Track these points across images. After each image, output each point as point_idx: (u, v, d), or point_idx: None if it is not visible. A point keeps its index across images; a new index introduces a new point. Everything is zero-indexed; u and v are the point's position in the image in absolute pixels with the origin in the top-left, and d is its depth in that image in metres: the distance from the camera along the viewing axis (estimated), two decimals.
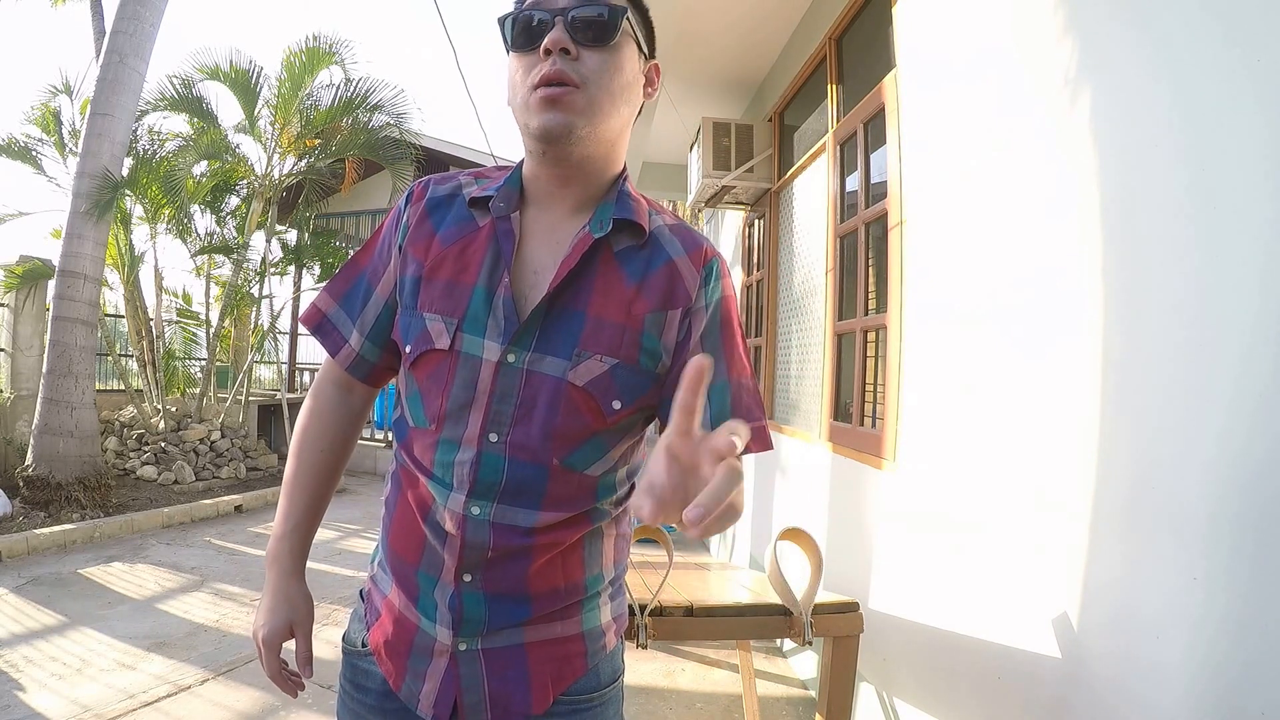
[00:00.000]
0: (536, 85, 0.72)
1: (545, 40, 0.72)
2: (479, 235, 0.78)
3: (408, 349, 0.79)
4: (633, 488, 0.86)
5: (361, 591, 0.89)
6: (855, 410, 2.41)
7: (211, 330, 6.43)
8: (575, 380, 0.74)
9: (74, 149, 5.61)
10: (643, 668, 2.71)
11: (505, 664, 0.78)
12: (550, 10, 0.73)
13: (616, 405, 0.76)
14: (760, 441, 0.79)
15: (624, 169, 0.84)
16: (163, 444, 5.78)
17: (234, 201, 6.65)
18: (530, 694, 0.78)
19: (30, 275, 5.46)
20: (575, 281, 0.76)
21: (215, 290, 6.82)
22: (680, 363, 0.78)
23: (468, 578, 0.76)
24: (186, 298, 7.30)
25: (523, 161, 0.82)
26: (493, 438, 0.75)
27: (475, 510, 0.75)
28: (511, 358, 0.75)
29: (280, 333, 8.28)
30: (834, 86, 2.78)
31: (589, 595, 0.82)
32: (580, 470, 0.77)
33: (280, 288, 10.55)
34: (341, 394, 0.90)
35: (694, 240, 0.82)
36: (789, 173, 3.39)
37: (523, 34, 0.74)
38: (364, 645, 0.84)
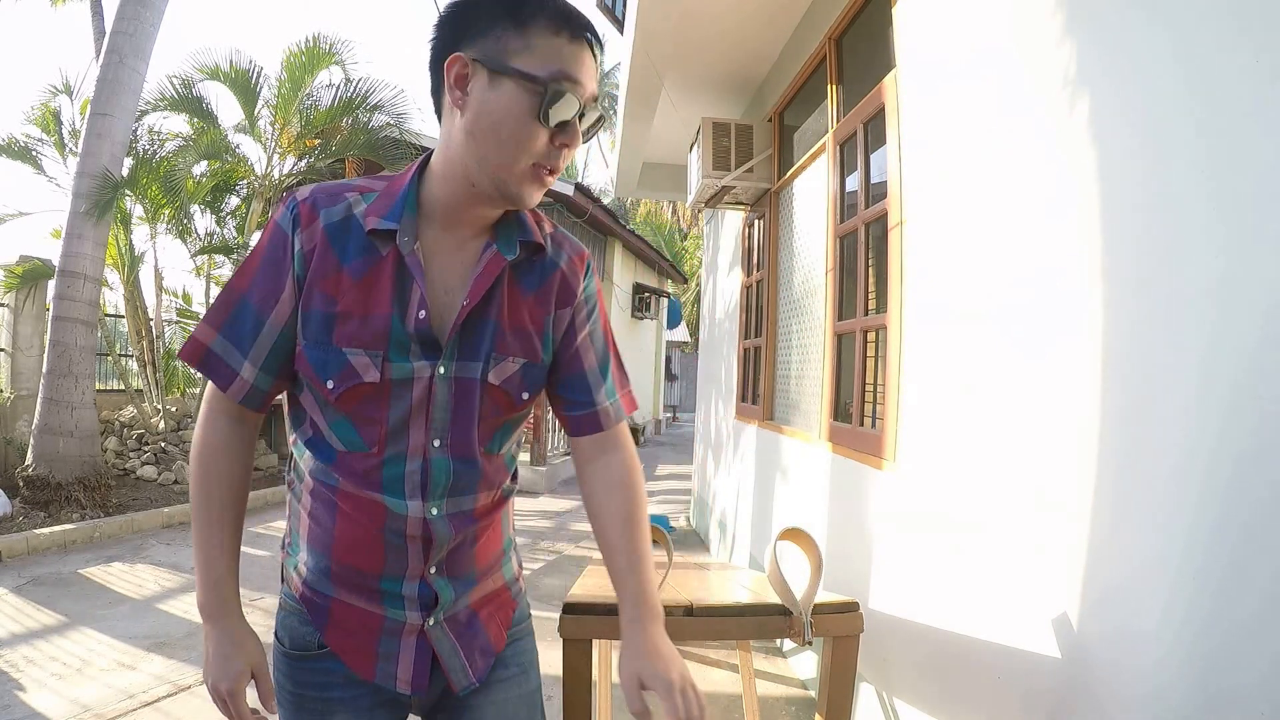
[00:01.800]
0: (543, 167, 0.79)
1: (572, 138, 0.79)
2: (385, 265, 0.81)
3: (330, 384, 0.80)
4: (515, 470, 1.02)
5: (290, 595, 0.89)
6: (855, 410, 2.41)
7: None
8: (493, 380, 0.85)
9: (74, 149, 5.62)
10: None
11: (464, 624, 0.90)
12: (587, 110, 0.79)
13: (525, 396, 0.89)
14: (632, 403, 1.00)
15: None
16: (163, 444, 5.79)
17: (234, 201, 6.65)
18: (490, 638, 0.92)
19: (30, 275, 5.46)
20: (489, 296, 0.84)
21: (215, 290, 6.82)
22: (566, 348, 0.93)
23: (433, 569, 0.85)
24: (186, 298, 7.30)
25: (415, 177, 0.84)
26: (436, 444, 0.83)
27: (434, 511, 0.83)
28: (442, 369, 0.82)
29: None
30: (834, 87, 2.78)
31: (505, 554, 0.97)
32: (496, 452, 0.89)
33: None
34: (235, 426, 0.87)
35: (574, 246, 0.94)
36: (789, 173, 3.39)
37: (559, 114, 0.77)
38: (321, 646, 0.86)
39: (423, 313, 0.80)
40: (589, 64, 0.79)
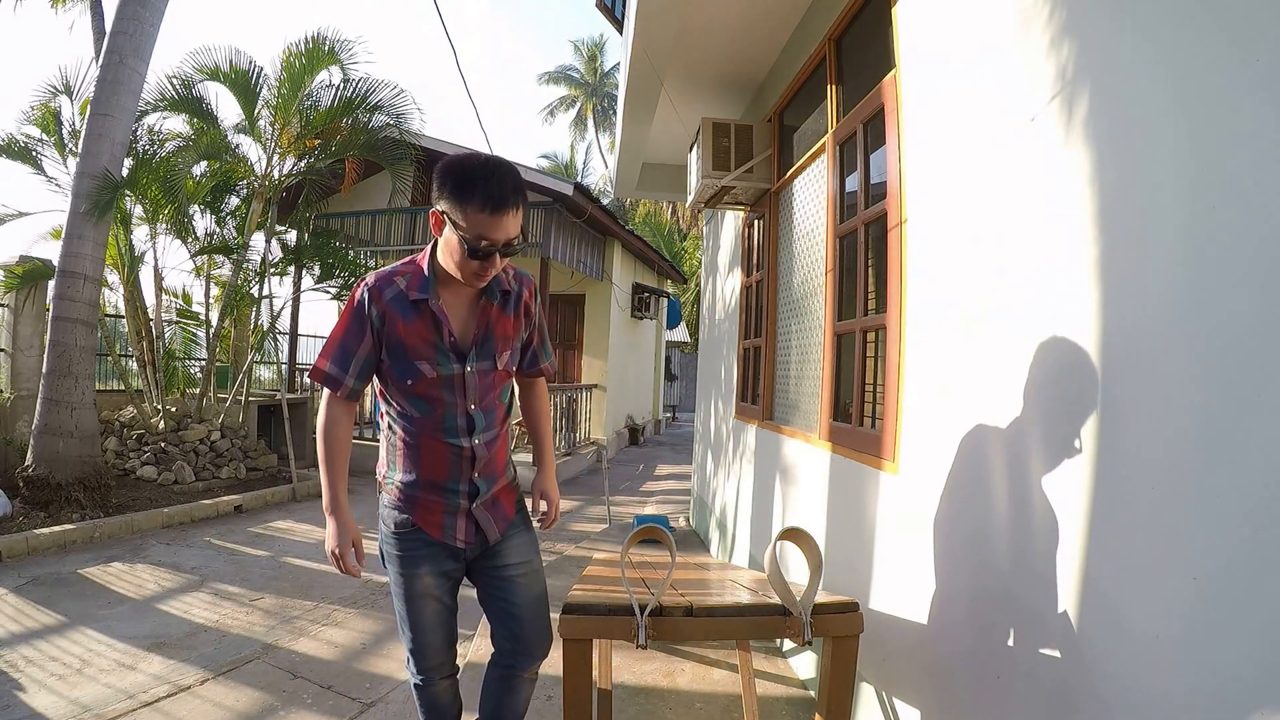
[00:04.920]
0: (478, 274, 1.43)
1: (492, 262, 1.42)
2: (424, 316, 1.49)
3: (409, 381, 1.48)
4: (510, 406, 1.69)
5: (391, 499, 1.57)
6: (855, 410, 2.41)
7: (211, 330, 6.42)
8: (499, 366, 1.56)
9: (74, 149, 5.61)
10: (643, 668, 2.71)
11: (491, 504, 1.60)
12: (502, 248, 1.40)
13: (513, 367, 1.64)
14: (551, 368, 1.78)
15: None
16: (163, 444, 5.78)
17: (234, 202, 6.64)
18: (505, 511, 1.64)
19: (30, 275, 5.46)
20: (486, 324, 1.53)
21: (215, 290, 6.82)
22: (529, 333, 1.67)
23: (476, 474, 1.55)
24: (186, 298, 7.28)
25: (431, 263, 1.50)
26: (472, 406, 1.53)
27: (478, 441, 1.53)
28: (470, 368, 1.52)
29: (280, 333, 8.27)
30: (833, 87, 2.78)
31: (509, 463, 1.67)
32: (503, 401, 1.62)
33: (280, 288, 10.53)
34: (344, 409, 1.57)
35: (526, 278, 1.63)
36: (788, 173, 3.39)
37: (479, 255, 1.39)
38: (412, 525, 1.54)
39: (452, 338, 1.49)
40: (504, 223, 1.36)
